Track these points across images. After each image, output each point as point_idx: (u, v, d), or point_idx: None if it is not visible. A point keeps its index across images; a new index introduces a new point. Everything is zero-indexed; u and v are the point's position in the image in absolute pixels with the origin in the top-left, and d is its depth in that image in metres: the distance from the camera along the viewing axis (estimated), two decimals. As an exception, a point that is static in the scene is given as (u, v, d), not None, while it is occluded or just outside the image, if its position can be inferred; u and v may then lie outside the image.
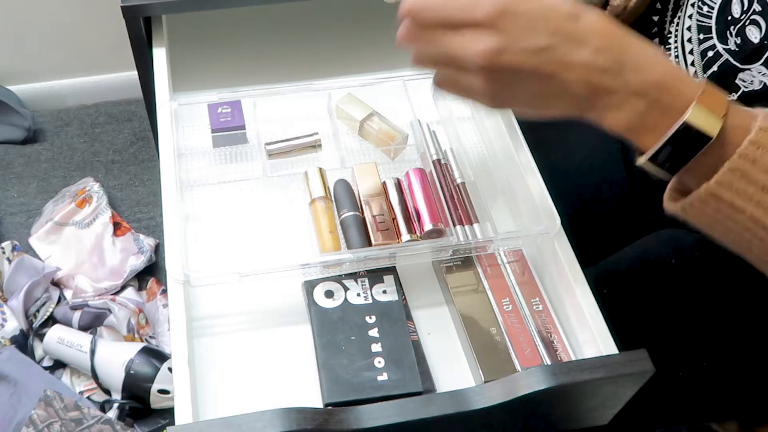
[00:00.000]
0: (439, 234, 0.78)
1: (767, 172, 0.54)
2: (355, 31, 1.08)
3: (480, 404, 0.60)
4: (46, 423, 1.18)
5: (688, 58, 0.81)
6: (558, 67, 0.55)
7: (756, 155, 0.54)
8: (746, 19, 0.71)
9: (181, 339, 0.68)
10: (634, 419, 0.83)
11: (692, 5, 0.79)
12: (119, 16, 0.91)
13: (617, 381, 0.63)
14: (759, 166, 0.54)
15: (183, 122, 0.89)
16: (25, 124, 1.71)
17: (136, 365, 1.25)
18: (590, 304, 0.72)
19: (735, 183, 0.54)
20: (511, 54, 0.55)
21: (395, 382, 0.69)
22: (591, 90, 0.56)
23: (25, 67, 1.73)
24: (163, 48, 0.93)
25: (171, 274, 0.71)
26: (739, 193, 0.55)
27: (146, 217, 1.61)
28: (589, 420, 0.73)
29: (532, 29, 0.54)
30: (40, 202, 1.60)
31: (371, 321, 0.73)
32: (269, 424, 0.57)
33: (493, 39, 0.54)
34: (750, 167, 0.54)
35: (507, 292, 0.76)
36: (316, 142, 0.86)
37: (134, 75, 1.01)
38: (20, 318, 1.32)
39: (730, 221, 0.57)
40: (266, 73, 1.00)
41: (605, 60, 0.55)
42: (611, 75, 0.55)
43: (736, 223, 0.56)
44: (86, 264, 1.45)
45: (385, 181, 0.82)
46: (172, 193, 0.77)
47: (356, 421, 0.59)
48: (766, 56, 0.69)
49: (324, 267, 0.75)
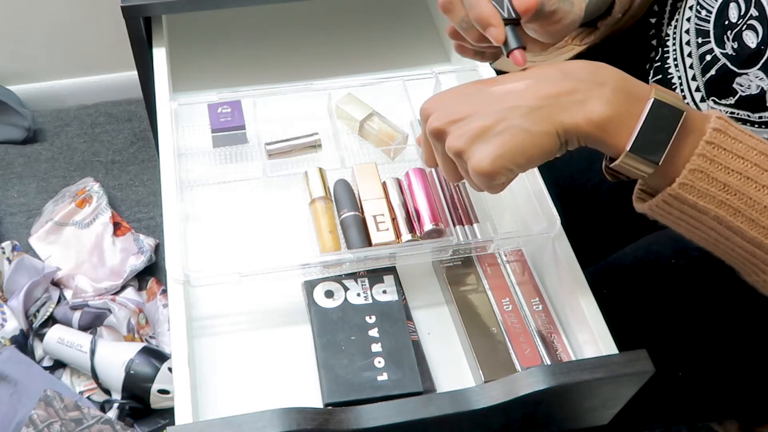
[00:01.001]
0: (439, 234, 0.78)
1: (726, 170, 0.56)
2: (355, 31, 1.08)
3: (480, 404, 0.60)
4: (46, 423, 1.18)
5: (686, 61, 0.81)
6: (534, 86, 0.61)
7: (713, 154, 0.56)
8: (743, 24, 0.71)
9: (181, 339, 0.68)
10: (634, 419, 0.83)
11: (690, 8, 0.79)
12: (119, 16, 0.91)
13: (617, 381, 0.63)
14: (717, 165, 0.56)
15: (183, 122, 0.89)
16: (25, 124, 1.71)
17: (136, 365, 1.25)
18: (590, 304, 0.72)
19: (696, 185, 0.56)
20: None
21: (395, 382, 0.69)
22: (550, 99, 0.59)
23: (25, 67, 1.73)
24: (163, 48, 0.93)
25: (171, 274, 0.71)
26: (702, 195, 0.57)
27: (146, 217, 1.61)
28: (589, 420, 0.73)
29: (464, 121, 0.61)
30: (40, 202, 1.60)
31: (371, 321, 0.73)
32: (269, 424, 0.57)
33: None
34: (708, 167, 0.56)
35: (507, 292, 0.76)
36: (316, 142, 0.86)
37: (134, 75, 1.01)
38: (20, 318, 1.32)
39: (695, 221, 0.59)
40: (266, 73, 1.00)
41: (581, 72, 0.59)
42: (560, 80, 0.59)
43: (701, 223, 0.58)
44: (86, 264, 1.45)
45: (385, 181, 0.82)
46: (172, 193, 0.77)
47: (356, 421, 0.59)
48: (763, 61, 0.69)
49: (324, 267, 0.75)
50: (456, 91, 0.65)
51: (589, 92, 0.59)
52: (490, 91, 0.62)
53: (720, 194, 0.56)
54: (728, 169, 0.56)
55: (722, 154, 0.56)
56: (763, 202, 0.56)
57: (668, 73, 0.84)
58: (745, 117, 0.73)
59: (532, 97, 0.60)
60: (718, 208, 0.57)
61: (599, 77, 0.59)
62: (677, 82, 0.83)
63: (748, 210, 0.57)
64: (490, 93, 0.62)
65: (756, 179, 0.56)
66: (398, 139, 0.87)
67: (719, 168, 0.56)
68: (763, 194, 0.56)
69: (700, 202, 0.57)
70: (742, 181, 0.56)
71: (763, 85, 0.70)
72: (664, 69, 0.85)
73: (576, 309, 0.73)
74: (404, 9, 0.79)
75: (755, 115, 0.72)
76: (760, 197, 0.56)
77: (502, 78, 0.63)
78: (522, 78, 0.61)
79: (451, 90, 0.66)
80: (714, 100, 0.76)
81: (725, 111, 0.75)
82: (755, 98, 0.71)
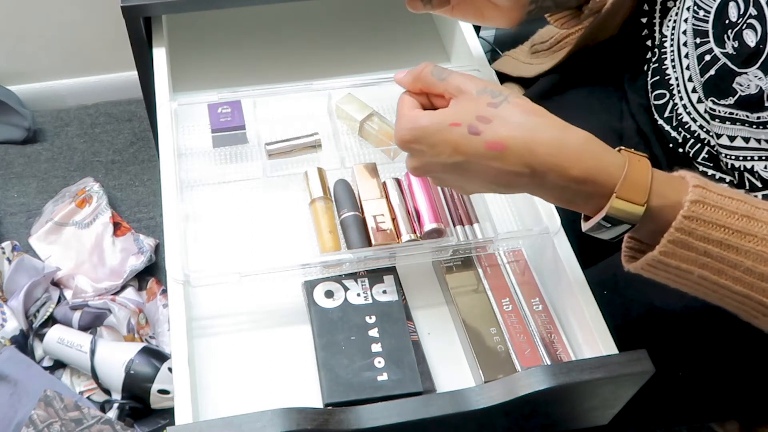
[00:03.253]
0: (439, 234, 0.78)
1: (704, 239, 0.57)
2: (355, 31, 1.08)
3: (480, 404, 0.60)
4: (46, 423, 1.18)
5: (683, 62, 0.81)
6: (475, 175, 0.61)
7: (691, 227, 0.57)
8: (743, 23, 0.71)
9: (181, 339, 0.68)
10: (634, 419, 0.83)
11: (687, 9, 0.79)
12: (119, 16, 0.91)
13: (617, 381, 0.63)
14: (696, 236, 0.57)
15: (183, 122, 0.89)
16: (25, 124, 1.71)
17: (136, 365, 1.25)
18: (590, 304, 0.72)
19: (677, 251, 0.58)
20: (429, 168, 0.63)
21: (395, 382, 0.69)
22: (514, 187, 0.61)
23: (25, 67, 1.73)
24: (163, 48, 0.93)
25: (171, 274, 0.71)
26: (683, 259, 0.58)
27: (146, 217, 1.61)
28: (589, 420, 0.73)
29: (438, 153, 0.61)
30: (40, 202, 1.60)
31: (371, 321, 0.73)
32: (269, 424, 0.57)
33: (413, 160, 0.63)
34: (687, 238, 0.57)
35: (507, 292, 0.76)
36: (316, 142, 0.86)
37: (134, 75, 1.01)
38: (20, 318, 1.32)
39: (682, 280, 0.60)
40: (266, 73, 1.00)
41: (516, 166, 0.59)
42: (527, 177, 0.59)
43: (688, 281, 0.60)
44: (86, 264, 1.45)
45: (385, 181, 0.82)
46: (172, 193, 0.77)
47: (356, 421, 0.59)
48: (762, 60, 0.69)
49: (324, 267, 0.75)
50: (434, 154, 0.62)
51: (549, 192, 0.60)
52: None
53: (701, 258, 0.58)
54: (707, 239, 0.57)
55: (701, 225, 0.57)
56: (745, 264, 0.57)
57: (666, 74, 0.84)
58: (743, 117, 0.73)
59: (489, 176, 0.60)
60: (702, 269, 0.58)
61: (558, 180, 0.59)
62: (674, 83, 0.83)
63: (730, 270, 0.58)
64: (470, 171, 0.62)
65: (737, 245, 0.57)
66: (398, 139, 0.87)
67: (699, 238, 0.57)
68: (744, 258, 0.57)
69: (683, 265, 0.58)
70: (722, 248, 0.57)
71: (762, 85, 0.70)
72: (662, 70, 0.85)
73: (576, 309, 0.73)
74: (404, 9, 0.79)
75: (754, 115, 0.72)
76: (742, 260, 0.57)
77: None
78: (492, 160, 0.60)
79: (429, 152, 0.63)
80: (713, 100, 0.76)
81: (724, 112, 0.75)
82: (754, 98, 0.71)
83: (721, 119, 0.76)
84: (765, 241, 0.57)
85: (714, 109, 0.76)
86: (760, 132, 0.72)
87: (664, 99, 0.85)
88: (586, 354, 0.72)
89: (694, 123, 0.81)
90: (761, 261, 0.57)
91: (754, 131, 0.73)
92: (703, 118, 0.79)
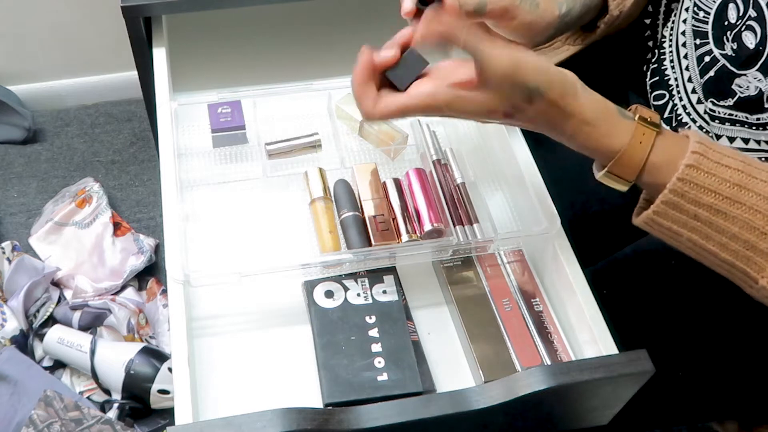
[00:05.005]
0: (439, 234, 0.78)
1: (696, 203, 0.60)
2: (355, 31, 1.08)
3: (480, 404, 0.60)
4: (46, 423, 1.18)
5: (682, 62, 0.81)
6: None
7: (683, 190, 0.60)
8: (742, 25, 0.71)
9: (181, 339, 0.68)
10: (634, 419, 0.83)
11: (687, 10, 0.79)
12: (119, 16, 0.91)
13: (617, 381, 0.63)
14: (687, 199, 0.60)
15: (183, 122, 0.89)
16: (25, 124, 1.71)
17: (136, 365, 1.25)
18: (590, 304, 0.72)
19: (669, 212, 0.62)
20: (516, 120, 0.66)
21: (395, 382, 0.69)
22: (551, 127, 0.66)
23: (25, 67, 1.73)
24: (163, 48, 0.93)
25: (171, 274, 0.71)
26: (674, 220, 0.62)
27: (146, 217, 1.61)
28: (589, 420, 0.73)
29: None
30: (40, 202, 1.60)
31: (371, 321, 0.73)
32: (269, 424, 0.57)
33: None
34: (679, 200, 0.61)
35: (507, 292, 0.76)
36: (316, 142, 0.86)
37: (134, 75, 1.01)
38: (20, 318, 1.32)
39: (674, 240, 0.64)
40: (266, 73, 1.00)
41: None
42: (568, 120, 0.64)
43: (679, 242, 0.63)
44: (86, 264, 1.45)
45: (385, 181, 0.82)
46: (172, 193, 0.77)
47: (356, 421, 0.59)
48: (762, 62, 0.69)
49: (324, 267, 0.75)
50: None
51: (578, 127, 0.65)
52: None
53: (690, 221, 0.61)
54: (698, 202, 0.60)
55: (693, 189, 0.60)
56: (731, 230, 0.60)
57: (665, 75, 0.84)
58: (743, 119, 0.73)
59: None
60: (691, 232, 0.62)
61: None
62: (674, 84, 0.83)
63: (717, 236, 0.61)
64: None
65: (725, 211, 0.60)
66: (398, 139, 0.87)
67: (690, 201, 0.60)
68: (731, 224, 0.60)
69: (674, 227, 0.62)
70: (711, 213, 0.60)
71: (761, 87, 0.70)
72: (661, 71, 0.85)
73: (576, 309, 0.73)
74: (404, 9, 0.79)
75: (753, 116, 0.72)
76: (729, 226, 0.60)
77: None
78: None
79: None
80: (713, 101, 0.76)
81: (724, 113, 0.75)
82: (753, 100, 0.71)
83: (721, 120, 0.76)
84: (753, 210, 0.60)
85: (714, 110, 0.76)
86: (759, 133, 0.72)
87: (663, 99, 0.85)
88: (586, 354, 0.72)
89: (693, 124, 0.81)
90: (747, 228, 0.60)
91: (753, 132, 0.73)
92: (702, 119, 0.79)
